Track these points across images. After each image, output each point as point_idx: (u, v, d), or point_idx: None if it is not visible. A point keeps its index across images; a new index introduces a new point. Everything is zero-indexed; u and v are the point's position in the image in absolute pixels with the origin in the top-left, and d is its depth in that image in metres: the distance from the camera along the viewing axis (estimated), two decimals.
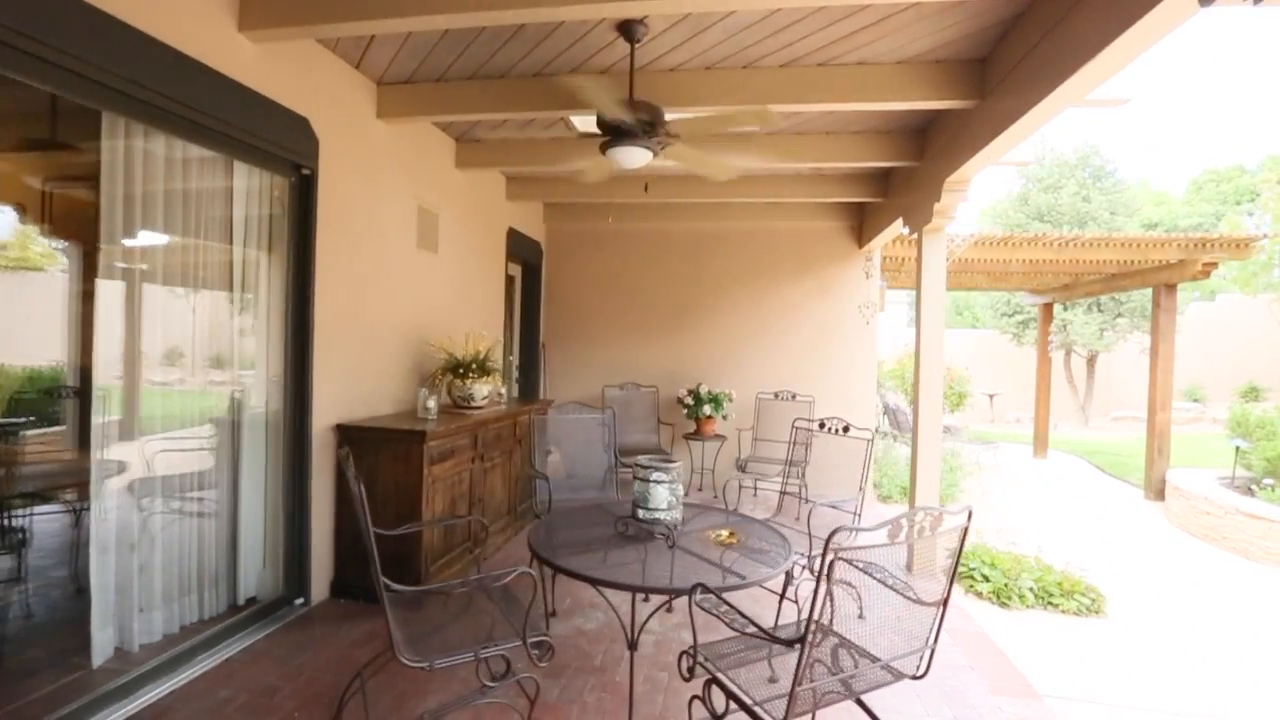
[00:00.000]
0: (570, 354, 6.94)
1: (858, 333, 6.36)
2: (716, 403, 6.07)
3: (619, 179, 5.59)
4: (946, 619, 3.57)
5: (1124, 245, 6.92)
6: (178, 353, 3.08)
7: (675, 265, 6.77)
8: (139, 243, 2.70)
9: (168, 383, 3.06)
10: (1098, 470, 9.05)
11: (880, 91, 3.38)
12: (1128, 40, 2.07)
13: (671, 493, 2.85)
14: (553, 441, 4.33)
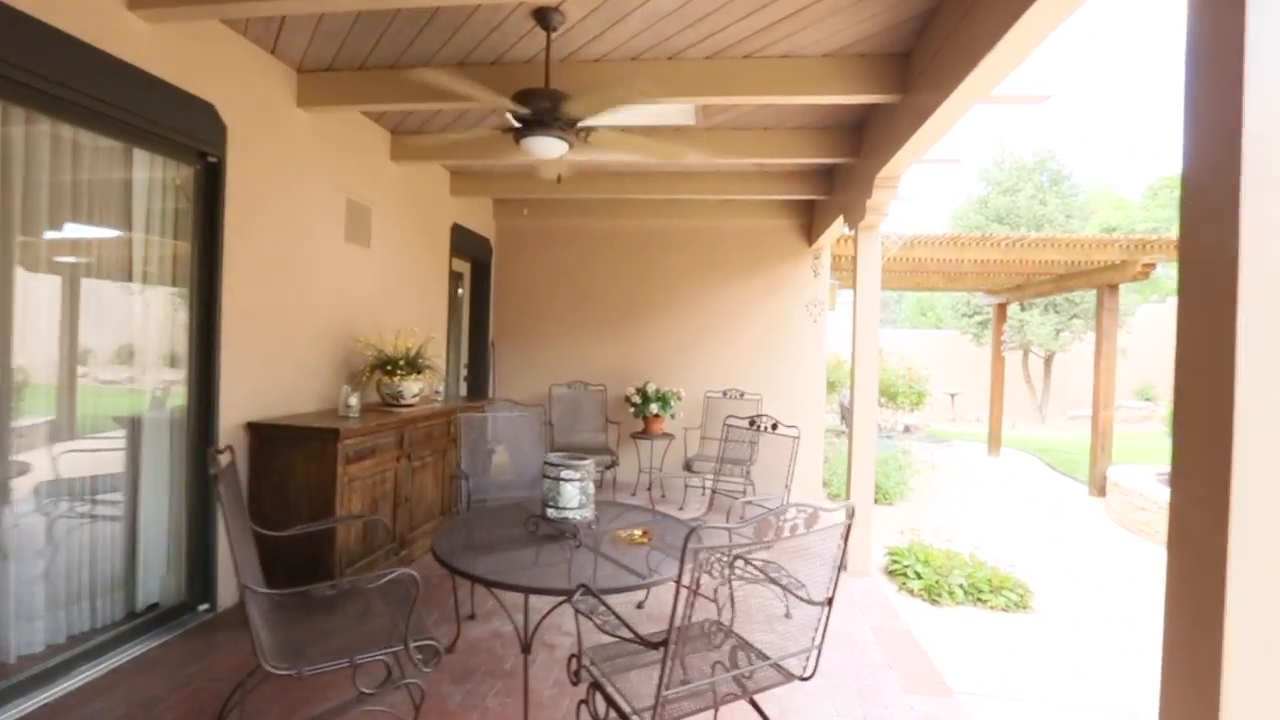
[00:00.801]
0: (520, 352, 6.84)
1: (806, 331, 6.37)
2: (664, 401, 6.02)
3: (577, 174, 5.54)
4: (872, 617, 3.60)
5: (1068, 246, 7.04)
6: (78, 350, 2.93)
7: (626, 263, 6.71)
8: (33, 236, 2.55)
9: (68, 382, 2.91)
10: (1048, 468, 9.21)
11: (807, 85, 3.36)
12: (1020, 32, 2.06)
13: (582, 491, 2.78)
14: (480, 440, 4.24)
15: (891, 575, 4.26)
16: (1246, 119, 1.11)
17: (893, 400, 11.50)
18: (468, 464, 3.92)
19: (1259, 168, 1.10)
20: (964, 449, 10.45)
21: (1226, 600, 1.12)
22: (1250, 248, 1.11)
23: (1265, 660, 1.12)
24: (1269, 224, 1.11)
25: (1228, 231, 1.14)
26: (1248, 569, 1.11)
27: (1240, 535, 1.12)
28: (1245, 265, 1.12)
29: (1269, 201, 1.11)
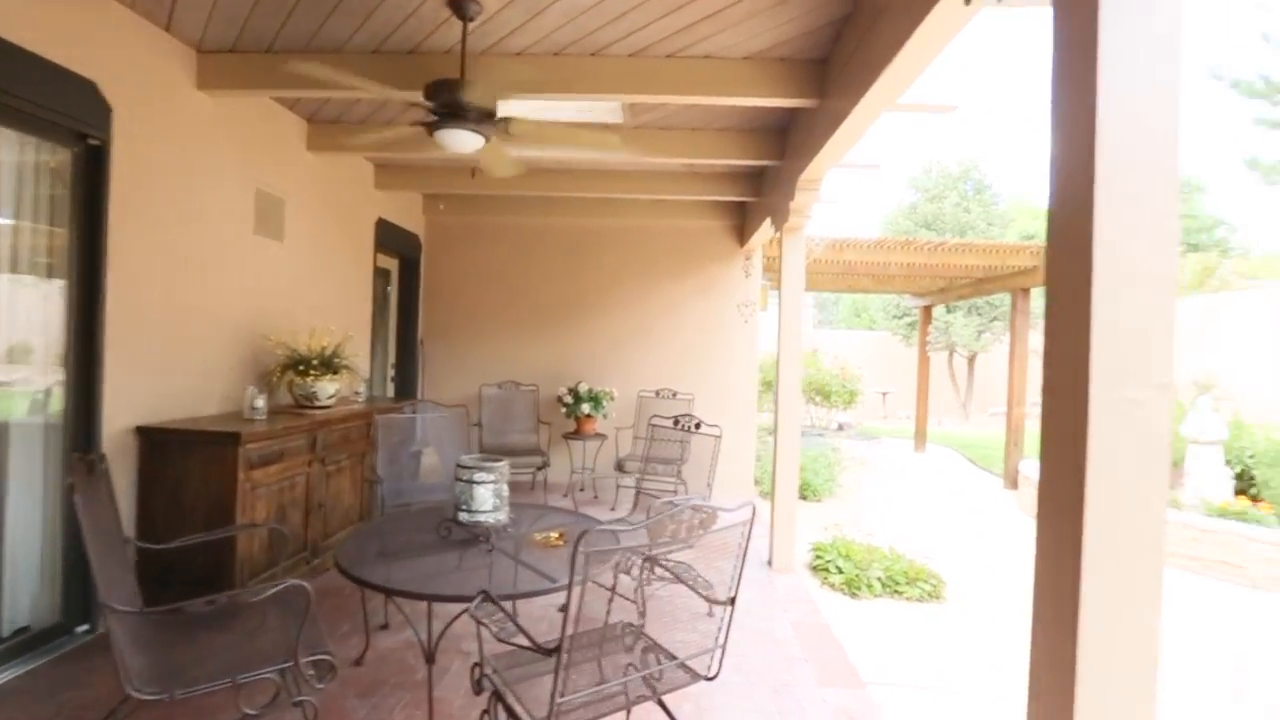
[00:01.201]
0: (450, 352, 6.66)
1: (738, 331, 6.45)
2: (596, 401, 5.98)
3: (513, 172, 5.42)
4: (793, 613, 3.66)
5: (984, 251, 7.40)
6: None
7: (559, 261, 6.64)
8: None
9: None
10: (969, 463, 9.66)
11: (729, 86, 3.38)
12: (917, 43, 2.12)
13: (496, 494, 2.71)
14: (403, 443, 4.09)
15: (815, 571, 4.36)
16: (1099, 137, 1.16)
17: (827, 399, 11.83)
18: (385, 467, 3.76)
19: (1107, 183, 1.16)
20: (892, 445, 10.84)
21: (1082, 565, 1.18)
22: (1101, 253, 1.17)
23: (1113, 622, 1.18)
24: (1118, 233, 1.16)
25: (1083, 240, 1.19)
26: (1099, 531, 1.18)
27: (1094, 509, 1.17)
28: (1098, 266, 1.17)
29: (1118, 211, 1.16)
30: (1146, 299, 1.16)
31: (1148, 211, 1.16)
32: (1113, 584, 1.17)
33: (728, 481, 6.30)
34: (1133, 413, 1.16)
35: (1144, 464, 1.17)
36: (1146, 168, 1.16)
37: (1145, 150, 1.16)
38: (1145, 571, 1.19)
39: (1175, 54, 1.16)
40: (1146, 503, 1.17)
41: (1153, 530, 1.18)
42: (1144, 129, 1.15)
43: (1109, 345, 1.16)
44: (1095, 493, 1.17)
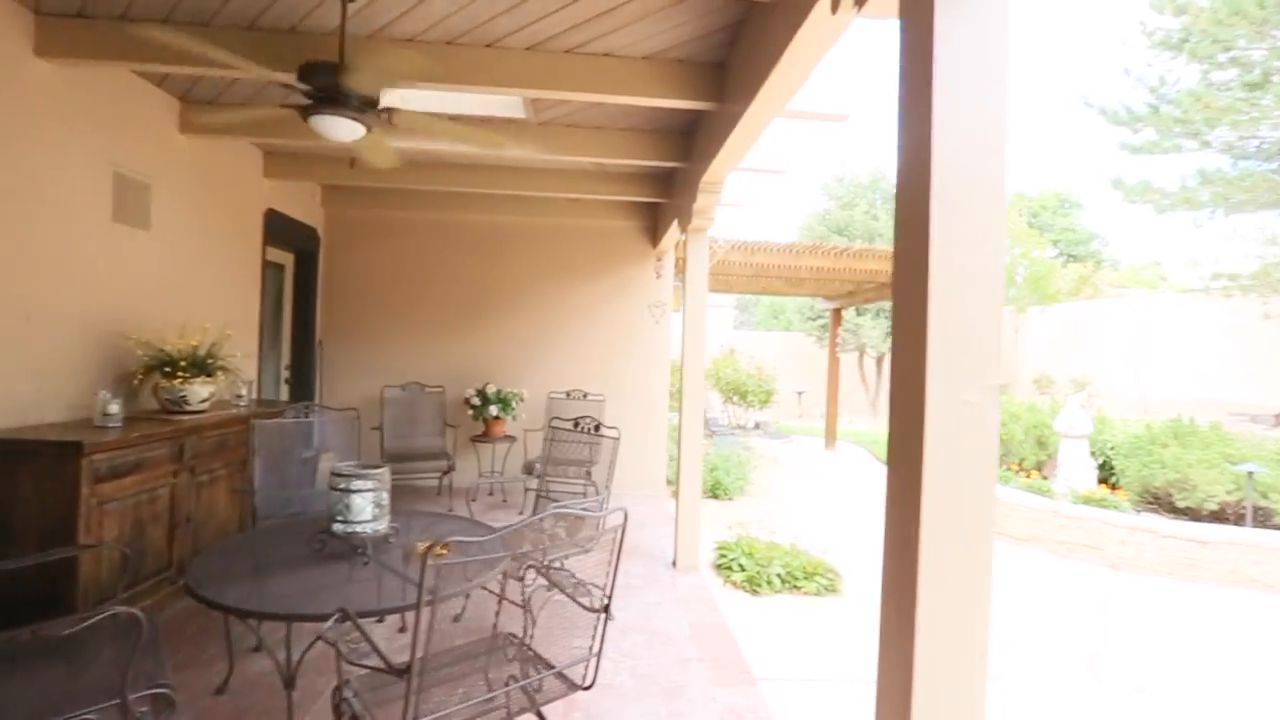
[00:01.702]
0: (351, 352, 6.32)
1: (650, 332, 6.47)
2: (505, 403, 5.84)
3: (407, 163, 5.18)
4: (693, 612, 3.68)
5: (885, 257, 7.77)
6: None
7: (469, 258, 6.44)
8: None
9: None
10: (874, 459, 10.13)
11: (629, 86, 3.35)
12: (796, 50, 2.15)
13: (376, 502, 2.56)
14: (289, 449, 3.82)
15: (719, 570, 4.41)
16: (934, 153, 1.20)
17: (744, 399, 12.10)
18: (264, 476, 3.49)
19: (940, 197, 1.19)
20: (804, 443, 11.23)
21: (919, 555, 1.22)
22: (936, 263, 1.20)
23: (946, 602, 1.22)
24: (951, 245, 1.20)
25: (921, 251, 1.22)
26: (934, 521, 1.22)
27: (930, 503, 1.21)
28: (934, 277, 1.20)
29: (950, 225, 1.20)
30: (977, 308, 1.21)
31: (977, 226, 1.20)
32: (947, 570, 1.22)
33: (640, 482, 6.33)
34: (965, 413, 1.20)
35: (976, 460, 1.22)
36: (976, 183, 1.20)
37: (975, 166, 1.20)
38: (977, 559, 1.23)
39: (1002, 77, 1.21)
40: (978, 497, 1.22)
41: (983, 521, 1.23)
42: (974, 145, 1.20)
43: (943, 351, 1.19)
44: (931, 486, 1.20)
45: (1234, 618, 4.29)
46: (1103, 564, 5.19)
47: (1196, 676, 3.46)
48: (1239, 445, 5.94)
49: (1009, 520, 5.79)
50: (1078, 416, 6.63)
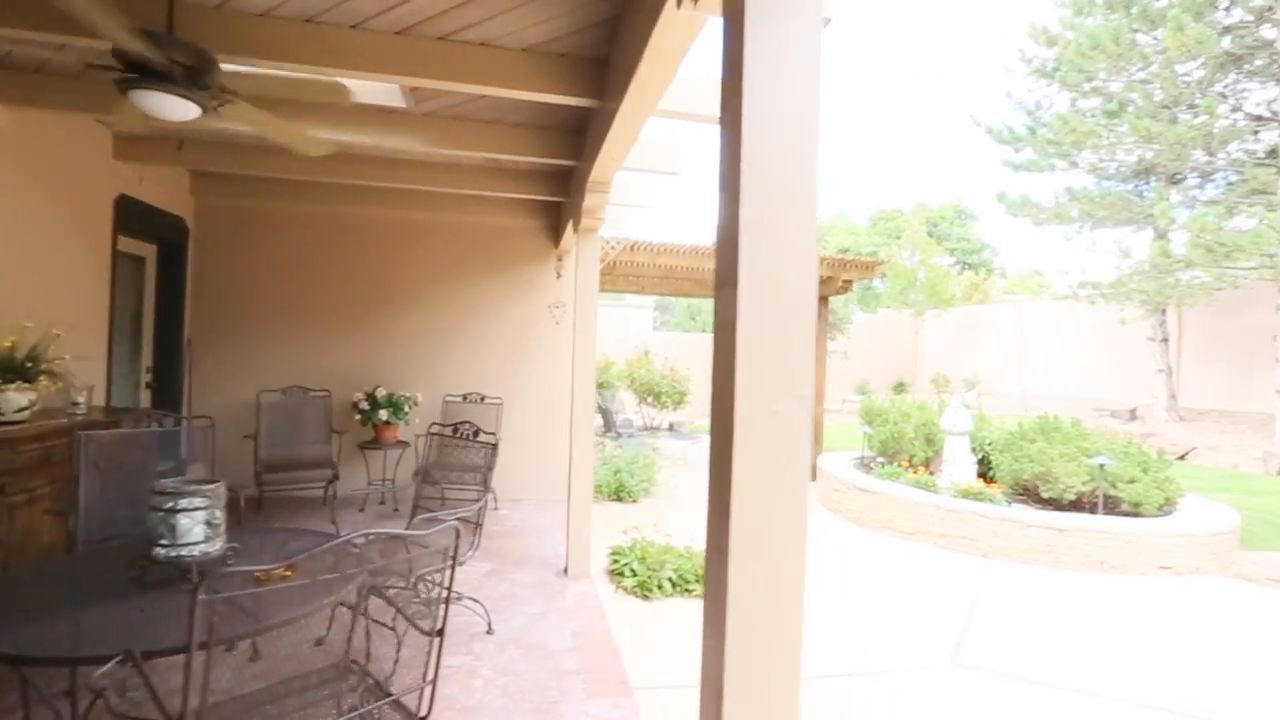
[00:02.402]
0: (225, 353, 5.82)
1: (551, 333, 6.34)
2: (397, 407, 5.55)
3: (284, 150, 4.81)
4: (578, 621, 3.59)
5: None
6: None
7: (360, 255, 6.08)
8: None
9: None
10: None
11: (508, 78, 3.22)
12: (655, 47, 2.11)
13: (208, 522, 2.31)
14: (127, 463, 3.43)
15: (611, 576, 4.35)
16: (744, 162, 1.16)
17: (658, 399, 12.17)
18: (92, 494, 3.10)
19: (749, 204, 1.16)
20: None
21: (729, 560, 1.18)
22: (745, 275, 1.16)
23: (756, 606, 1.19)
24: (761, 258, 1.17)
25: (731, 265, 1.18)
26: (743, 529, 1.19)
27: (739, 511, 1.17)
28: (742, 289, 1.17)
29: (760, 237, 1.17)
30: (787, 318, 1.18)
31: (787, 232, 1.18)
32: (756, 578, 1.19)
33: (542, 486, 6.18)
34: (775, 424, 1.17)
35: (787, 470, 1.19)
36: (786, 190, 1.18)
37: (784, 171, 1.17)
38: (787, 567, 1.21)
39: (814, 83, 1.19)
40: (789, 506, 1.19)
41: (794, 529, 1.21)
42: (783, 149, 1.17)
43: (753, 361, 1.16)
44: (740, 496, 1.17)
45: (1083, 599, 4.65)
46: (978, 554, 5.52)
47: (1049, 658, 3.71)
48: (1095, 439, 6.48)
49: (897, 515, 6.07)
50: (960, 414, 7.03)
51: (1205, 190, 13.15)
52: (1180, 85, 11.81)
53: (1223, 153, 12.19)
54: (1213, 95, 11.54)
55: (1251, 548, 5.52)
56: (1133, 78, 12.25)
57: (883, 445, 7.58)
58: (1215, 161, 12.36)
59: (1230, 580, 5.09)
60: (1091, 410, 14.00)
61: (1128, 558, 5.15)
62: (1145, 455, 6.13)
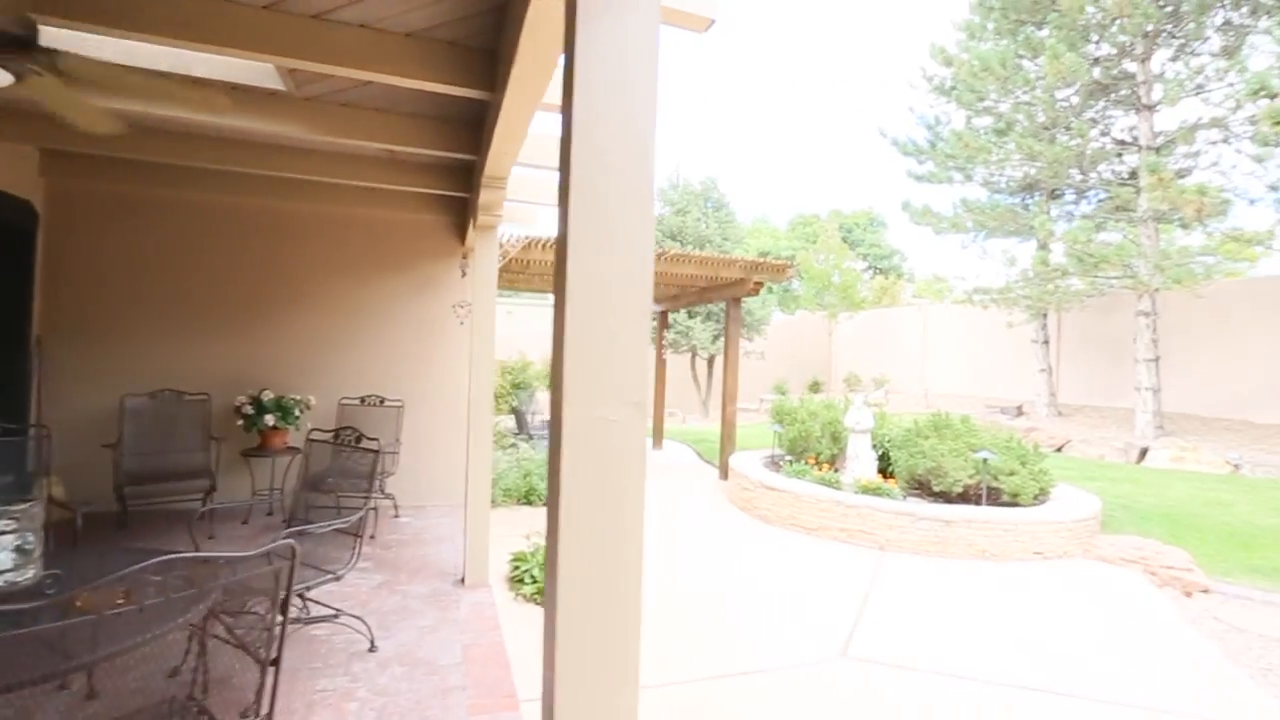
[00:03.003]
0: (83, 353, 5.24)
1: (456, 334, 6.12)
2: (286, 411, 5.19)
3: (155, 129, 4.38)
4: (470, 634, 3.45)
5: (701, 262, 8.09)
6: None
7: (246, 248, 5.65)
8: None
9: None
10: (698, 457, 10.56)
11: (390, 64, 3.04)
12: (530, 38, 2.03)
13: (18, 548, 2.04)
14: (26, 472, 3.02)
15: (511, 583, 4.23)
16: (573, 168, 1.11)
17: None
18: None
19: (577, 209, 1.10)
20: None
21: (558, 568, 1.11)
22: (575, 283, 1.11)
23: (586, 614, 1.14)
24: (593, 266, 1.12)
25: (562, 272, 1.12)
26: (572, 536, 1.13)
27: (567, 520, 1.11)
28: (571, 296, 1.11)
29: (591, 244, 1.12)
30: (619, 322, 1.13)
31: (619, 233, 1.13)
32: (588, 588, 1.15)
33: (447, 491, 5.96)
34: (604, 430, 1.12)
35: (620, 479, 1.14)
36: (616, 188, 1.13)
37: (618, 168, 1.12)
38: (620, 577, 1.17)
39: (650, 81, 1.15)
40: (624, 513, 1.15)
41: (628, 537, 1.16)
42: (613, 144, 1.12)
43: (582, 365, 1.10)
44: (569, 505, 1.11)
45: (966, 586, 4.95)
46: (875, 547, 5.76)
47: (933, 645, 3.90)
48: (981, 435, 6.93)
49: (802, 512, 6.25)
50: (862, 413, 7.34)
51: (1080, 206, 14.41)
52: (1059, 109, 12.87)
53: (1094, 172, 13.39)
54: (1085, 120, 12.65)
55: (1110, 532, 6.05)
56: (1019, 100, 13.25)
57: (791, 444, 7.80)
58: (1088, 179, 13.56)
59: (1091, 562, 5.56)
60: (984, 407, 15.03)
61: (1006, 545, 5.52)
62: (1024, 449, 6.60)
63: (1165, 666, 3.73)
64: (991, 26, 13.67)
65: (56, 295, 5.23)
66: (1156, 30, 11.56)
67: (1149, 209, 11.03)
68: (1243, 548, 5.86)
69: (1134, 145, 12.36)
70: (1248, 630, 4.29)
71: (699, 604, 4.37)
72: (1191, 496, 7.65)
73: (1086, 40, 12.14)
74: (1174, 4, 11.30)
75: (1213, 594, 4.96)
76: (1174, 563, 5.25)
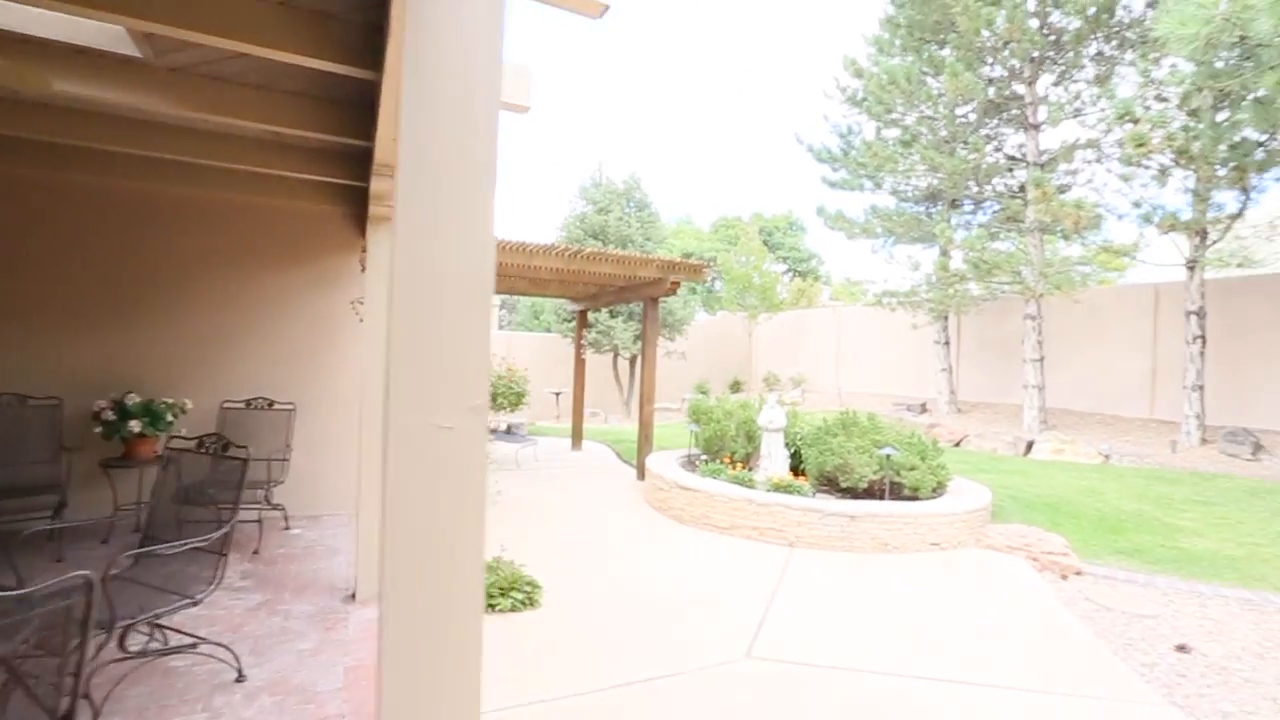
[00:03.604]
0: None
1: (355, 332, 5.76)
2: (155, 417, 4.69)
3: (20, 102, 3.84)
4: (356, 655, 3.21)
5: (618, 261, 8.02)
6: None
7: (111, 235, 5.08)
8: None
9: None
10: (616, 457, 10.49)
11: (259, 33, 2.77)
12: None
13: None
14: None
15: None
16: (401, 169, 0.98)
17: (493, 401, 11.71)
18: None
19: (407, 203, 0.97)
20: (553, 444, 11.23)
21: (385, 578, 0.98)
22: (404, 286, 0.98)
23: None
24: (420, 245, 1.00)
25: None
26: (399, 533, 0.98)
27: (393, 533, 0.98)
28: (400, 299, 0.98)
29: (419, 221, 0.99)
30: (457, 321, 1.01)
31: (457, 229, 1.01)
32: (417, 603, 1.01)
33: (343, 500, 5.59)
34: (436, 440, 0.99)
35: (454, 489, 1.02)
36: (450, 180, 1.01)
37: (456, 154, 1.00)
38: (461, 593, 1.04)
39: (490, 75, 1.04)
40: (461, 528, 1.03)
41: (466, 556, 1.04)
42: (457, 133, 1.00)
43: (414, 370, 0.97)
44: (398, 522, 0.98)
45: (868, 580, 5.11)
46: (785, 544, 5.87)
47: (833, 640, 3.98)
48: (886, 432, 7.23)
49: (714, 511, 6.29)
50: (775, 412, 7.49)
51: (977, 215, 15.40)
52: (958, 124, 13.70)
53: (989, 185, 14.35)
54: (981, 136, 13.52)
55: (999, 521, 6.45)
56: (923, 114, 14.01)
57: (707, 443, 7.86)
58: (984, 191, 14.51)
59: (982, 551, 5.89)
60: (893, 404, 15.80)
61: (906, 538, 5.76)
62: (924, 445, 6.92)
63: (1043, 648, 3.97)
64: (899, 43, 14.38)
65: None
66: (1041, 57, 12.51)
67: (1035, 221, 11.91)
68: (1110, 531, 6.38)
69: (1023, 161, 13.32)
70: (1113, 609, 4.65)
71: (607, 610, 4.28)
72: (1069, 485, 8.29)
73: (982, 62, 12.97)
74: (1056, 34, 12.26)
75: (1085, 575, 5.35)
76: (1053, 548, 5.64)
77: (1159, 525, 6.60)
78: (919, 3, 13.35)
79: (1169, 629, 4.32)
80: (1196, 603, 4.78)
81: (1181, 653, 3.98)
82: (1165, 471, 9.29)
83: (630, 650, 3.69)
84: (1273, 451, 9.74)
